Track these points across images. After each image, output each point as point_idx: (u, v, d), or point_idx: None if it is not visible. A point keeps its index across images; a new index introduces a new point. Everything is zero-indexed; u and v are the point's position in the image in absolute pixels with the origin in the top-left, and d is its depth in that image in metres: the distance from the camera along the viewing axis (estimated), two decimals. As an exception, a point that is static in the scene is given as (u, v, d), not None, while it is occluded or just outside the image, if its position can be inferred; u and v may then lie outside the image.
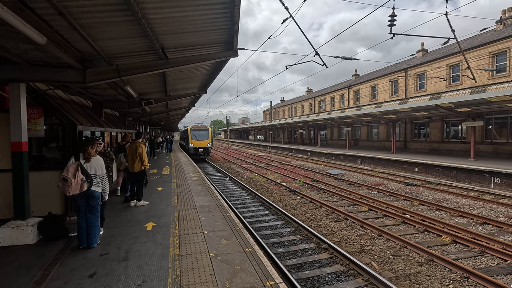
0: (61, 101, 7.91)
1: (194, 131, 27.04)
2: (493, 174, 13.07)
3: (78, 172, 4.50)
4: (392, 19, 10.05)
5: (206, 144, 26.82)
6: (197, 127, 27.80)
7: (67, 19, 3.86)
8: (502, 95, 12.59)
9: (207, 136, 27.17)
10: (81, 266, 4.11)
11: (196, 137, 26.68)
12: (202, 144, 26.61)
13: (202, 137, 26.94)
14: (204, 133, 27.19)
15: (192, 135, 26.61)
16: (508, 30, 20.68)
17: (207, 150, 26.91)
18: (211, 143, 27.25)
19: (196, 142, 26.52)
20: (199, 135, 26.90)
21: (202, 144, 26.63)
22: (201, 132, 27.21)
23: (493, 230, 7.76)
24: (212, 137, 27.51)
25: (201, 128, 27.86)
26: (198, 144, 26.45)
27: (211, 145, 27.37)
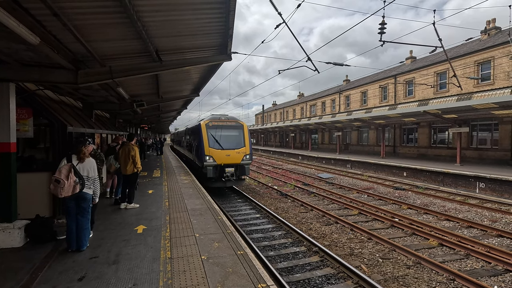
0: (51, 101, 7.79)
1: (214, 130, 13.07)
2: (478, 179, 13.46)
3: (71, 174, 4.45)
4: (382, 27, 10.32)
5: (240, 157, 12.81)
6: (220, 121, 13.47)
7: (61, 20, 3.84)
8: (486, 103, 13.04)
9: (241, 140, 13.27)
10: (70, 269, 4.05)
11: (220, 142, 12.80)
12: (233, 157, 12.70)
13: (231, 141, 13.17)
14: (234, 134, 13.40)
15: (211, 138, 12.76)
16: (492, 40, 21.46)
17: (243, 169, 12.88)
18: (250, 154, 13.15)
19: (220, 153, 12.51)
20: (227, 137, 13.15)
21: (234, 158, 12.69)
22: (229, 132, 13.40)
23: (478, 233, 8.00)
24: (250, 143, 13.60)
25: (228, 123, 13.66)
26: (224, 157, 12.51)
27: (250, 158, 13.16)
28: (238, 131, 13.38)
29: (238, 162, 12.52)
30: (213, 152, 12.21)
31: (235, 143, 12.87)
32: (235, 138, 13.07)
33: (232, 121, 13.64)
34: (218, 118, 13.38)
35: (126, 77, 6.25)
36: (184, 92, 13.06)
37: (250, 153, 12.91)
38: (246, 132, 13.36)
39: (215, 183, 12.34)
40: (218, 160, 12.16)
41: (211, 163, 12.06)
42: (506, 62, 19.18)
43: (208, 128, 12.76)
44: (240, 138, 13.13)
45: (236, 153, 12.57)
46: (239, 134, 13.25)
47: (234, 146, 12.75)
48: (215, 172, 12.12)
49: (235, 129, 13.40)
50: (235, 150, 12.59)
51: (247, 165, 12.81)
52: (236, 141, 12.97)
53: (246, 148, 12.87)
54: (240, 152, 12.65)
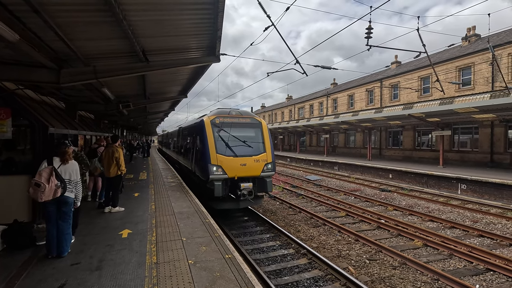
0: (31, 101, 7.50)
1: (223, 129, 9.42)
2: (460, 180, 13.89)
3: (52, 177, 4.26)
4: (369, 32, 10.53)
5: (259, 167, 9.15)
6: (230, 117, 9.78)
7: (42, 17, 3.70)
8: (467, 107, 13.50)
9: (260, 143, 9.67)
10: (50, 277, 3.87)
11: (232, 147, 9.20)
12: (250, 168, 9.02)
13: (247, 145, 9.43)
14: (250, 134, 9.76)
15: (218, 141, 9.14)
16: (473, 47, 22.29)
17: (263, 184, 9.24)
18: (272, 163, 9.48)
19: (233, 162, 8.88)
20: (241, 138, 9.46)
21: (251, 169, 9.04)
22: (244, 132, 9.74)
23: (460, 233, 8.22)
24: (272, 147, 9.78)
25: (242, 119, 9.93)
26: (238, 168, 8.88)
27: (272, 168, 9.48)
28: (256, 131, 9.64)
29: (257, 174, 8.89)
30: (222, 160, 8.60)
31: (252, 148, 9.23)
32: (252, 141, 9.41)
33: (247, 117, 9.84)
34: (227, 113, 9.64)
35: (111, 77, 6.11)
36: (172, 93, 12.90)
37: (272, 161, 9.30)
38: (266, 132, 9.67)
39: (223, 203, 8.72)
40: (229, 171, 8.55)
41: (219, 176, 8.46)
42: (486, 68, 19.95)
43: (215, 127, 9.10)
44: (258, 140, 9.49)
45: (254, 161, 8.94)
46: (257, 135, 9.57)
47: (251, 151, 9.11)
48: (225, 189, 8.59)
49: (252, 128, 9.67)
50: (252, 158, 8.96)
51: (269, 178, 9.11)
52: (253, 144, 9.34)
53: (267, 155, 9.21)
54: (260, 160, 9.04)
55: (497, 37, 20.99)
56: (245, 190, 8.57)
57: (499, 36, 20.98)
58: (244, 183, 8.65)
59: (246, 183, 8.69)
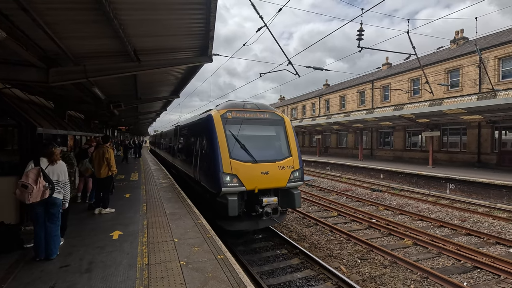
0: (19, 101, 7.35)
1: (237, 126, 7.28)
2: (448, 180, 14.17)
3: (40, 178, 4.17)
4: (360, 33, 10.65)
5: (285, 175, 7.11)
6: (246, 111, 7.63)
7: (30, 15, 3.63)
8: (455, 108, 13.80)
9: (284, 144, 7.63)
10: (38, 280, 3.79)
11: (250, 149, 7.03)
12: (274, 176, 6.96)
13: (268, 147, 7.51)
14: (271, 134, 7.77)
15: (232, 142, 7.00)
16: (460, 50, 22.79)
17: (290, 198, 7.17)
18: (300, 169, 7.43)
19: (251, 169, 6.79)
20: (260, 140, 7.48)
21: (275, 179, 6.98)
22: (263, 130, 7.70)
23: (449, 232, 8.39)
24: (298, 149, 7.72)
25: (259, 114, 7.75)
26: (258, 177, 6.78)
27: (300, 176, 7.41)
28: (277, 129, 7.76)
29: (283, 184, 6.99)
30: (238, 167, 6.64)
31: (275, 151, 7.40)
32: (274, 142, 7.62)
33: (265, 111, 7.82)
34: (241, 106, 7.63)
35: (102, 76, 6.03)
36: (164, 93, 12.80)
37: (300, 168, 7.38)
38: (290, 130, 7.79)
39: (238, 223, 6.84)
40: (247, 182, 6.61)
41: (234, 189, 6.52)
42: (473, 70, 20.43)
43: (227, 124, 7.13)
44: (281, 140, 7.63)
45: (279, 168, 7.01)
46: (279, 133, 7.73)
47: (274, 155, 7.22)
48: (240, 204, 6.69)
49: (272, 126, 7.75)
50: (276, 163, 7.04)
51: (296, 190, 7.20)
52: (275, 146, 7.52)
53: (293, 159, 7.31)
54: (285, 166, 7.12)
55: (484, 40, 21.51)
56: (269, 207, 6.59)
57: (486, 39, 21.51)
58: (267, 197, 6.74)
59: (269, 198, 6.76)
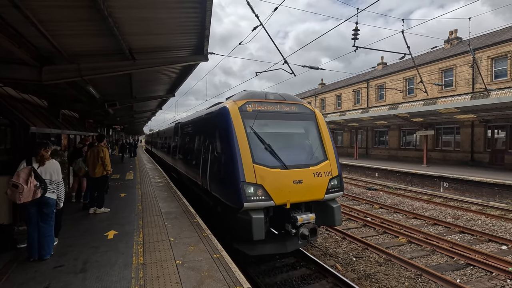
0: (12, 99, 7.25)
1: (260, 122, 5.83)
2: (442, 179, 14.34)
3: (31, 178, 4.13)
4: (355, 33, 10.71)
5: (322, 184, 5.62)
6: (269, 103, 6.11)
7: (23, 12, 3.58)
8: (449, 108, 13.95)
9: (317, 144, 6.15)
10: (31, 280, 3.76)
11: (277, 151, 5.57)
12: (308, 186, 5.44)
13: (298, 148, 6.04)
14: (300, 131, 6.29)
15: (254, 142, 5.52)
16: (454, 49, 23.04)
17: (329, 214, 5.64)
18: (339, 176, 5.94)
19: (280, 177, 5.28)
20: (287, 139, 6.03)
21: (309, 189, 5.48)
22: (290, 127, 6.19)
23: (442, 230, 8.50)
24: (334, 150, 6.17)
25: (285, 107, 6.24)
26: (289, 187, 5.26)
27: (340, 185, 5.92)
28: (308, 125, 6.35)
29: (321, 196, 5.58)
30: (264, 175, 5.21)
31: (308, 153, 5.98)
32: (306, 141, 6.21)
33: (292, 103, 6.38)
34: (263, 96, 6.20)
35: (96, 75, 5.97)
36: (159, 92, 12.73)
37: (339, 175, 5.96)
38: (324, 127, 6.40)
39: (262, 245, 5.42)
40: (276, 194, 5.18)
41: (259, 203, 5.09)
42: (467, 70, 20.67)
43: (246, 118, 5.71)
44: (314, 140, 6.21)
45: (314, 175, 5.58)
46: (311, 131, 6.31)
47: (306, 159, 5.82)
48: (265, 223, 5.27)
49: (302, 121, 6.34)
50: (310, 169, 5.61)
51: (336, 203, 5.75)
52: (308, 147, 6.11)
53: (330, 164, 5.90)
54: (322, 173, 5.68)
55: (478, 40, 21.77)
56: (305, 228, 5.12)
57: (479, 39, 21.77)
58: (301, 214, 5.26)
59: (305, 214, 5.27)
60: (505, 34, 19.64)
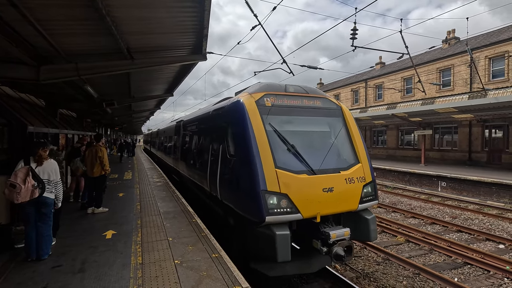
0: (9, 99, 7.21)
1: (280, 118, 5.10)
2: (440, 178, 14.39)
3: (29, 178, 4.11)
4: (354, 33, 10.71)
5: (355, 191, 4.87)
6: (289, 96, 5.37)
7: (20, 11, 3.56)
8: (447, 107, 14.00)
9: (348, 145, 5.44)
10: (29, 280, 3.74)
11: (303, 153, 4.80)
12: (339, 194, 4.68)
13: (324, 149, 5.11)
14: (326, 130, 5.49)
15: (275, 141, 4.77)
16: (452, 49, 23.11)
17: (364, 226, 4.89)
18: (373, 182, 5.18)
19: (308, 184, 4.52)
20: (312, 138, 5.24)
21: (341, 198, 4.70)
22: (315, 125, 5.42)
23: (440, 229, 8.53)
24: (366, 150, 5.45)
25: (308, 101, 5.51)
26: (318, 197, 4.49)
27: (374, 192, 5.14)
28: (335, 123, 5.64)
29: (354, 207, 4.86)
30: (288, 182, 4.49)
31: (337, 155, 5.26)
32: (333, 141, 5.42)
33: (317, 97, 5.70)
34: (282, 89, 5.50)
35: (94, 74, 5.95)
36: (158, 91, 12.70)
37: (373, 180, 5.26)
38: (353, 125, 5.71)
39: (282, 265, 4.52)
40: (304, 205, 4.47)
41: (284, 216, 4.37)
42: (464, 70, 20.74)
43: (265, 114, 5.03)
44: (343, 140, 5.51)
45: (346, 181, 4.87)
46: (339, 130, 5.58)
47: (336, 162, 5.12)
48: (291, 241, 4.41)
49: (328, 118, 5.63)
50: (342, 174, 4.91)
51: (370, 215, 5.02)
52: (336, 148, 5.34)
53: (364, 167, 5.20)
54: (354, 178, 4.97)
55: (475, 40, 21.85)
56: (339, 247, 4.34)
57: (477, 39, 21.85)
58: (333, 229, 4.47)
59: (338, 229, 4.50)
60: (502, 34, 19.73)
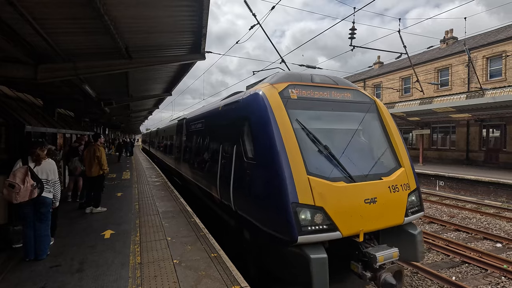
0: (6, 98, 7.18)
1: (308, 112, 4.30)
2: (438, 177, 14.45)
3: (28, 177, 4.09)
4: (352, 32, 10.73)
5: (400, 201, 4.03)
6: (316, 87, 4.60)
7: (18, 9, 3.54)
8: (445, 107, 14.06)
9: (386, 146, 4.60)
10: (28, 280, 3.73)
11: (336, 155, 4.01)
12: (384, 208, 3.85)
13: (357, 146, 4.42)
14: (358, 128, 4.62)
15: (306, 143, 3.99)
16: (450, 49, 23.19)
17: (409, 243, 4.05)
18: (417, 190, 4.35)
19: (346, 195, 3.70)
20: (342, 136, 4.39)
21: (387, 212, 3.89)
22: (347, 122, 4.62)
23: (438, 228, 8.57)
24: (407, 151, 4.61)
25: (337, 94, 4.70)
26: (361, 212, 3.68)
27: (419, 202, 4.32)
28: (369, 119, 4.90)
29: (400, 221, 4.03)
30: (323, 191, 3.64)
31: (374, 158, 4.49)
32: (368, 140, 4.76)
33: (347, 89, 5.00)
34: (309, 79, 4.78)
35: (92, 73, 5.93)
36: (156, 91, 12.67)
37: (418, 188, 4.46)
38: (390, 121, 4.99)
39: None
40: (343, 220, 3.61)
41: (321, 235, 3.51)
42: (462, 69, 20.83)
43: (292, 108, 4.26)
44: (380, 139, 4.80)
45: (390, 189, 4.05)
46: (375, 128, 4.89)
47: (377, 167, 4.31)
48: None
49: (361, 113, 4.88)
50: (384, 181, 4.09)
51: (416, 228, 4.22)
52: (373, 150, 4.63)
53: (407, 172, 4.41)
54: (398, 185, 4.14)
55: (473, 40, 21.94)
56: (388, 273, 3.54)
57: (475, 39, 21.93)
58: (380, 250, 3.64)
59: (385, 251, 3.65)
60: (500, 34, 19.82)
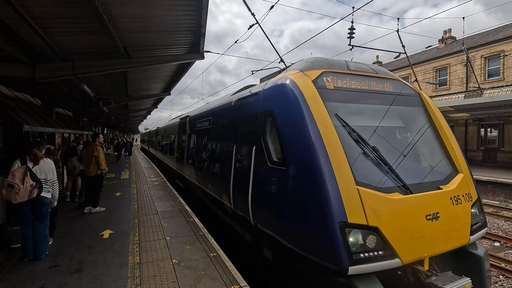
0: (4, 97, 7.15)
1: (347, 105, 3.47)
2: (436, 177, 14.50)
3: (27, 177, 4.07)
4: (351, 32, 10.74)
5: (464, 218, 3.19)
6: (351, 74, 3.80)
7: (16, 9, 3.52)
8: (443, 106, 14.11)
9: (436, 146, 3.86)
10: (27, 280, 3.72)
11: (388, 159, 3.16)
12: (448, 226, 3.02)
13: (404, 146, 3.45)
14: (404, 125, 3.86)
15: (351, 145, 3.16)
16: (448, 49, 23.26)
17: (476, 267, 3.16)
18: (478, 202, 3.48)
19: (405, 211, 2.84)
20: (386, 135, 3.46)
21: (452, 231, 3.04)
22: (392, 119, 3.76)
23: (436, 227, 8.59)
24: (464, 157, 3.92)
25: (377, 84, 3.89)
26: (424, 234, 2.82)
27: (483, 216, 3.51)
28: (414, 114, 4.11)
29: (466, 241, 3.20)
30: (375, 206, 2.77)
31: (427, 161, 3.74)
32: (418, 140, 3.75)
33: (386, 78, 4.17)
34: (345, 66, 3.96)
35: (91, 73, 5.92)
36: (155, 90, 12.65)
37: (479, 198, 3.64)
38: (440, 117, 4.19)
39: None
40: (402, 243, 2.75)
41: (376, 264, 2.67)
42: (460, 69, 20.90)
43: (329, 101, 3.41)
44: (429, 138, 3.95)
45: (452, 201, 3.22)
46: (422, 124, 3.96)
47: (432, 173, 3.50)
48: None
49: (405, 108, 4.07)
50: (444, 192, 3.26)
51: (481, 248, 3.39)
52: (423, 151, 3.78)
53: (466, 179, 3.67)
54: (459, 195, 3.32)
55: (471, 39, 22.01)
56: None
57: (473, 39, 22.00)
58: (448, 282, 2.90)
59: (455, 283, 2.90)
60: (498, 33, 19.89)
